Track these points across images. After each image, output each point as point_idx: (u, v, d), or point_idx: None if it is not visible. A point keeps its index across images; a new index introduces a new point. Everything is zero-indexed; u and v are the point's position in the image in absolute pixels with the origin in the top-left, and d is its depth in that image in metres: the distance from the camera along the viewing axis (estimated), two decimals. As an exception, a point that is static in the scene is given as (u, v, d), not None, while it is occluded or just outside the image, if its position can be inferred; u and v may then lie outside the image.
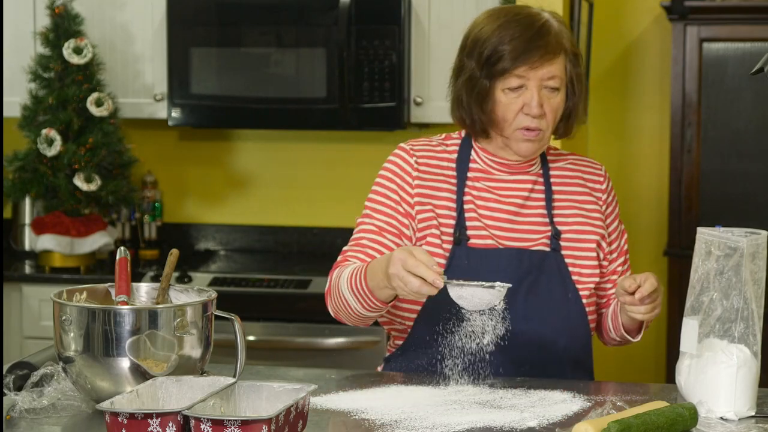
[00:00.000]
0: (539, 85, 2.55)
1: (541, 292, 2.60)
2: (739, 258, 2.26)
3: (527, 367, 2.59)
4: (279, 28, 4.53)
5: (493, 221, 2.63)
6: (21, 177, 4.54)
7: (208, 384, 2.14)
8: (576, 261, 2.65)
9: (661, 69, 4.95)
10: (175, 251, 2.44)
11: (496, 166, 2.66)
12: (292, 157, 4.97)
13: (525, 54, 2.53)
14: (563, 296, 2.61)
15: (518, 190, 2.66)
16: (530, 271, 2.60)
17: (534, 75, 2.54)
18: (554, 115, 2.58)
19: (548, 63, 2.55)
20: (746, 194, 4.74)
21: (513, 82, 2.55)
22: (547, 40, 2.54)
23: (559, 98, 2.58)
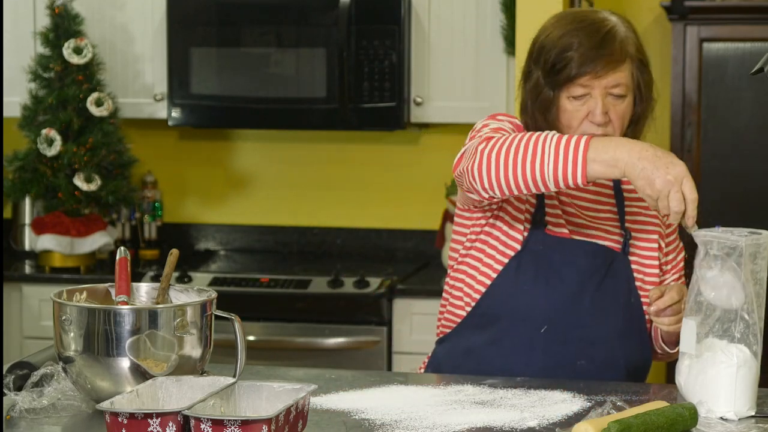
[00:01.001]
0: (603, 93, 2.54)
1: (608, 291, 2.61)
2: (738, 258, 2.26)
3: (583, 361, 2.60)
4: (279, 28, 4.54)
5: (567, 215, 2.63)
6: (21, 177, 4.54)
7: (208, 384, 2.14)
8: (641, 267, 2.65)
9: (661, 69, 4.95)
10: (175, 251, 2.44)
11: None
12: (292, 157, 4.97)
13: (588, 63, 2.52)
14: (627, 299, 2.62)
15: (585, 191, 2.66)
16: (601, 267, 2.61)
17: (598, 84, 2.53)
18: (621, 122, 2.57)
19: (612, 71, 2.53)
20: (746, 194, 4.74)
21: (577, 91, 2.54)
22: (612, 48, 2.53)
23: (625, 104, 2.56)
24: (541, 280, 2.60)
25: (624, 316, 2.62)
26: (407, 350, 4.28)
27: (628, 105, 2.58)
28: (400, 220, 4.84)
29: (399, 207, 4.81)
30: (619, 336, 2.62)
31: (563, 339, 2.59)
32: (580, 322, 2.60)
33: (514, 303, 2.60)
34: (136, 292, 2.45)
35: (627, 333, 2.63)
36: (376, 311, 4.32)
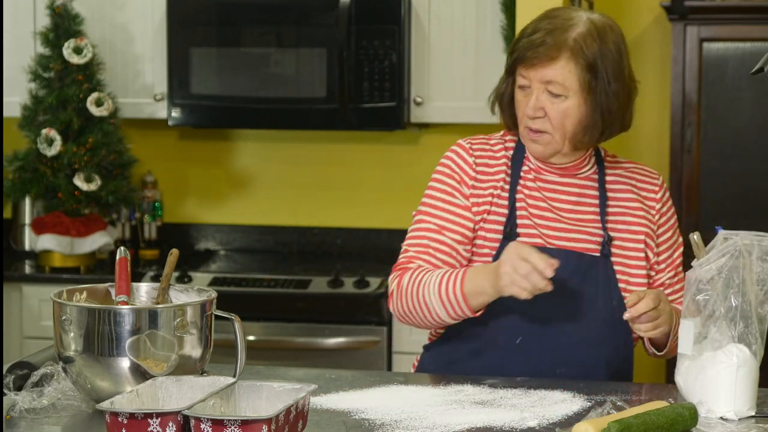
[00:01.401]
0: (541, 88, 2.55)
1: (585, 296, 2.60)
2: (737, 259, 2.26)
3: (564, 368, 2.59)
4: (279, 28, 4.54)
5: (543, 220, 2.63)
6: (21, 177, 4.54)
7: (208, 384, 2.14)
8: (625, 269, 2.64)
9: (661, 69, 4.95)
10: (175, 251, 2.44)
11: (544, 166, 2.66)
12: (292, 157, 4.97)
13: (525, 52, 2.55)
14: (607, 302, 2.60)
15: (567, 193, 2.65)
16: (575, 274, 2.59)
17: (534, 76, 2.55)
18: (560, 121, 2.56)
19: (544, 66, 2.54)
20: (746, 194, 4.74)
21: (520, 81, 2.58)
22: (551, 43, 2.53)
23: (565, 105, 2.55)
24: None
25: (605, 320, 2.60)
26: (407, 350, 4.28)
27: (571, 108, 2.55)
28: (400, 220, 4.84)
29: (399, 207, 4.81)
30: (600, 340, 2.61)
31: (540, 348, 2.59)
32: (556, 330, 2.59)
33: (491, 315, 2.60)
34: (136, 292, 2.45)
35: (608, 336, 2.62)
36: (376, 311, 4.32)
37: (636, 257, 2.65)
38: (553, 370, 2.58)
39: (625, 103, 2.63)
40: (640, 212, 2.67)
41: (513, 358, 2.59)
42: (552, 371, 2.58)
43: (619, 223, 2.65)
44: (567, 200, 2.65)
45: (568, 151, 2.62)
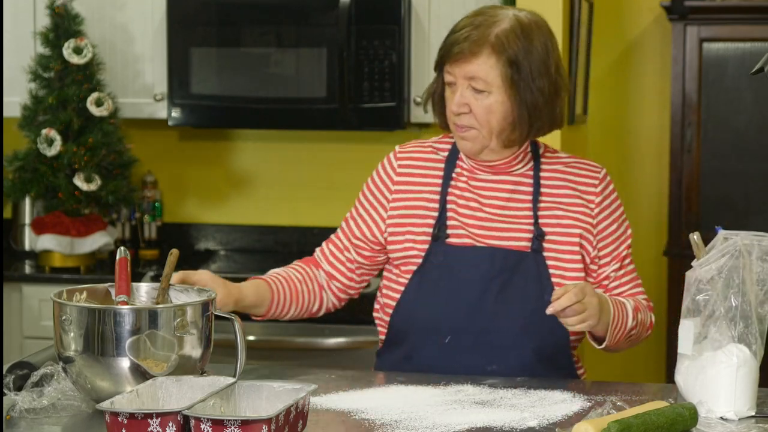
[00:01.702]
0: (464, 84, 2.57)
1: (514, 292, 2.61)
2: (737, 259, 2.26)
3: (495, 366, 2.59)
4: (279, 28, 4.53)
5: (473, 220, 2.65)
6: (21, 177, 4.53)
7: (208, 384, 2.14)
8: (559, 263, 2.64)
9: (661, 69, 4.95)
10: (175, 251, 2.44)
11: (478, 166, 2.68)
12: (292, 157, 4.97)
13: (447, 48, 2.59)
14: (538, 297, 2.60)
15: (499, 190, 2.67)
16: (503, 271, 2.61)
17: (458, 72, 2.58)
18: (486, 117, 2.58)
19: (465, 62, 2.56)
20: (746, 194, 4.74)
21: (447, 78, 2.61)
22: (473, 39, 2.55)
23: (489, 101, 2.57)
24: (443, 291, 2.63)
25: (535, 315, 2.59)
26: (407, 350, 4.28)
27: (495, 104, 2.57)
28: (400, 220, 4.84)
29: (399, 207, 4.81)
30: (530, 336, 2.61)
31: (470, 347, 2.61)
32: (484, 328, 2.61)
33: (419, 317, 2.64)
34: (136, 292, 2.45)
35: (540, 331, 2.61)
36: (376, 311, 4.32)
37: (570, 251, 2.65)
38: (485, 368, 2.60)
39: (552, 99, 2.61)
40: (576, 207, 2.67)
41: (444, 358, 2.62)
42: (483, 369, 2.60)
43: (552, 218, 2.66)
44: (499, 197, 2.66)
45: (497, 147, 2.63)
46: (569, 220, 2.66)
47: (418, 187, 2.70)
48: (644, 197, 5.01)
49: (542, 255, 2.63)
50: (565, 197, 2.67)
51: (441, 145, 2.73)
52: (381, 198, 2.73)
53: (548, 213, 2.65)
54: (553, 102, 2.61)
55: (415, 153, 2.74)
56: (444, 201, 2.66)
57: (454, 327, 2.61)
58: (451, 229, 2.64)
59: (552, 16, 3.89)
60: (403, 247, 2.67)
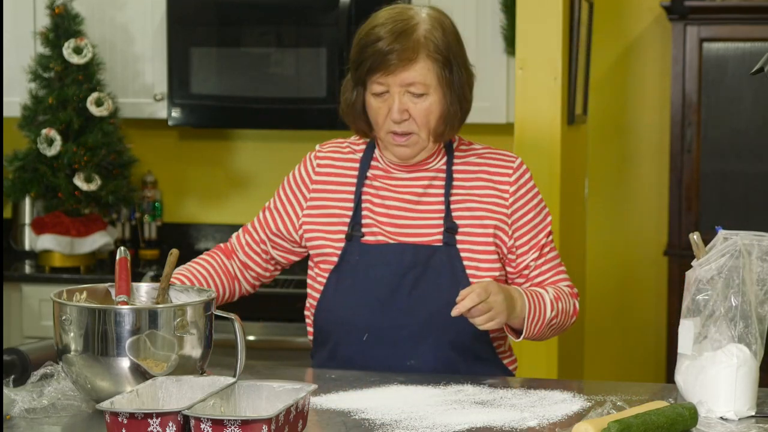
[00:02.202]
0: (401, 91, 2.57)
1: (426, 286, 2.62)
2: (737, 259, 2.26)
3: (413, 361, 2.60)
4: (279, 28, 4.54)
5: (387, 218, 2.66)
6: (21, 177, 4.54)
7: (208, 384, 2.14)
8: (473, 255, 2.64)
9: (661, 69, 4.95)
10: (174, 251, 2.44)
11: (393, 164, 2.69)
12: (292, 157, 4.95)
13: (379, 59, 2.57)
14: (452, 291, 2.59)
15: (414, 186, 2.68)
16: (414, 266, 2.62)
17: (393, 81, 2.57)
18: (424, 119, 2.59)
19: (403, 69, 2.56)
20: (746, 194, 4.74)
21: (376, 88, 2.60)
22: (404, 45, 2.55)
23: (427, 103, 2.58)
24: (358, 289, 2.64)
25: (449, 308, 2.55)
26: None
27: (431, 103, 2.58)
28: (400, 220, 4.84)
29: (399, 207, 4.81)
30: (445, 330, 2.61)
31: (389, 342, 2.62)
32: (400, 323, 2.61)
33: (338, 316, 2.66)
34: (136, 292, 2.45)
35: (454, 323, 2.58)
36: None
37: (483, 242, 2.65)
38: (404, 363, 2.61)
39: (471, 88, 2.66)
40: (490, 198, 2.67)
41: (363, 355, 2.63)
42: (403, 364, 2.61)
43: (465, 210, 2.66)
44: (414, 192, 2.67)
45: (432, 146, 2.65)
46: (482, 212, 2.66)
47: (335, 186, 2.72)
48: (644, 197, 5.01)
49: (456, 248, 2.63)
50: (478, 189, 2.67)
51: (358, 146, 2.76)
52: (299, 195, 2.74)
53: (461, 206, 2.66)
54: (472, 91, 2.66)
55: (333, 152, 2.77)
56: (359, 200, 2.68)
57: (370, 324, 2.63)
58: (366, 228, 2.66)
59: (552, 16, 3.90)
60: (319, 245, 2.69)
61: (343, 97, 2.69)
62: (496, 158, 2.71)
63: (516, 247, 2.67)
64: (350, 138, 2.80)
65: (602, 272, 4.91)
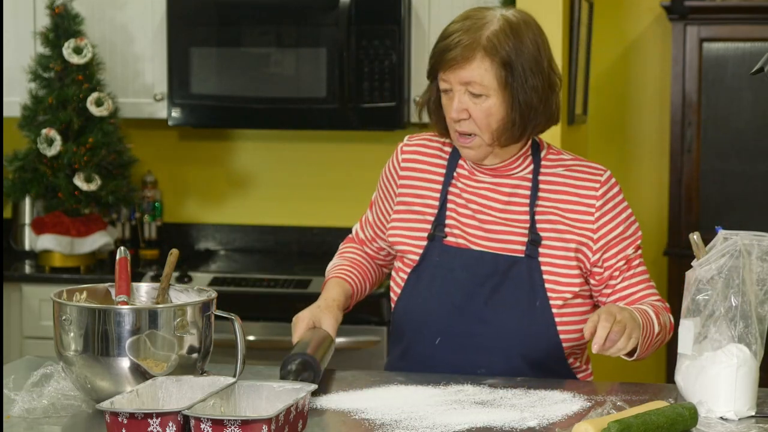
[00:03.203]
0: (461, 89, 2.55)
1: (504, 296, 2.59)
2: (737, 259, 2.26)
3: (483, 369, 2.59)
4: (279, 28, 4.53)
5: (470, 220, 2.64)
6: (21, 177, 4.54)
7: (208, 384, 2.14)
8: (553, 269, 2.60)
9: (661, 69, 4.96)
10: (174, 251, 2.44)
11: (478, 168, 2.66)
12: (292, 157, 4.97)
13: (441, 55, 2.55)
14: (529, 303, 2.58)
15: (498, 192, 2.64)
16: (494, 275, 2.59)
17: (454, 78, 2.55)
18: (485, 121, 2.55)
19: (460, 67, 2.53)
20: (746, 194, 4.75)
21: (442, 85, 2.59)
22: (465, 43, 2.53)
23: (488, 105, 2.54)
24: (435, 291, 2.62)
25: (523, 321, 2.57)
26: (407, 350, 4.28)
27: (494, 106, 2.55)
28: (400, 220, 4.84)
29: (399, 207, 4.81)
30: (518, 342, 2.59)
31: (460, 348, 2.60)
32: (474, 331, 2.59)
33: (414, 316, 2.65)
34: (136, 292, 2.45)
35: (527, 337, 2.58)
36: (376, 311, 4.32)
37: (565, 257, 2.61)
38: (474, 370, 2.59)
39: (547, 96, 2.59)
40: (575, 213, 2.62)
41: (433, 359, 2.62)
42: (473, 371, 2.59)
43: (548, 222, 2.62)
44: (498, 200, 2.64)
45: (498, 150, 2.62)
46: (566, 226, 2.62)
47: (421, 182, 2.70)
48: (644, 197, 5.01)
49: (537, 261, 2.60)
50: (564, 202, 2.63)
51: (447, 144, 2.72)
52: (391, 190, 2.74)
53: (545, 218, 2.62)
54: (548, 99, 2.59)
55: (420, 146, 2.74)
56: (444, 200, 2.66)
57: (443, 328, 2.61)
58: (449, 229, 2.64)
59: (552, 16, 3.90)
60: (399, 242, 2.68)
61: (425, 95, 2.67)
62: (584, 171, 2.66)
63: (603, 260, 2.62)
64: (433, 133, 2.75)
65: (602, 272, 4.91)
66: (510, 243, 2.62)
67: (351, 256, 2.82)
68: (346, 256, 2.82)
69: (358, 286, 2.76)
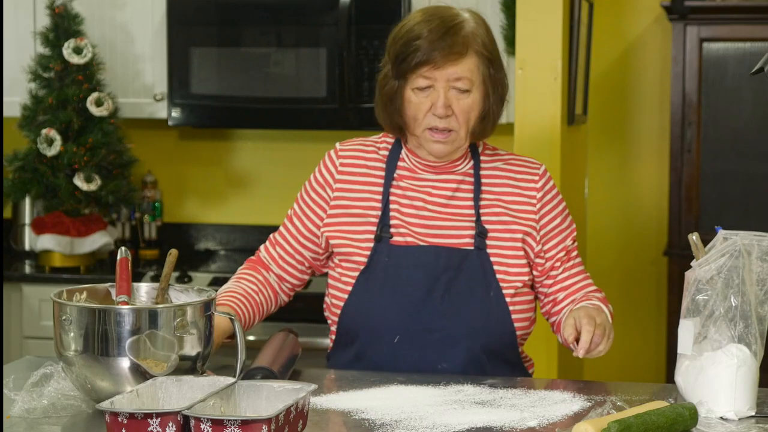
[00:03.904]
0: (446, 86, 2.57)
1: (460, 289, 2.62)
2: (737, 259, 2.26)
3: (444, 364, 2.60)
4: (279, 28, 4.54)
5: (416, 219, 2.66)
6: (21, 177, 4.54)
7: (208, 384, 2.14)
8: (502, 259, 2.65)
9: (661, 69, 4.95)
10: (173, 251, 2.44)
11: (421, 165, 2.69)
12: (292, 157, 4.97)
13: (428, 54, 2.56)
14: (484, 294, 2.62)
15: (442, 189, 2.68)
16: (448, 269, 2.62)
17: (440, 75, 2.57)
18: (466, 116, 2.60)
19: (452, 63, 2.56)
20: (746, 194, 4.74)
21: (421, 83, 2.59)
22: (454, 40, 2.56)
23: (470, 99, 2.59)
24: (388, 291, 2.63)
25: (482, 312, 2.61)
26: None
27: (474, 100, 2.60)
28: (400, 220, 4.84)
29: (399, 207, 4.81)
30: (478, 332, 2.62)
31: (420, 345, 2.62)
32: (433, 326, 2.61)
33: (367, 317, 2.64)
34: (136, 292, 2.45)
35: (484, 327, 2.62)
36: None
37: (512, 247, 2.66)
38: (435, 366, 2.61)
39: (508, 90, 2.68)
40: (517, 204, 2.69)
41: (393, 358, 2.63)
42: (434, 367, 2.61)
43: (493, 215, 2.67)
44: (442, 195, 2.67)
45: (465, 145, 2.66)
46: (511, 217, 2.67)
47: (360, 186, 2.71)
48: (644, 197, 5.01)
49: (486, 252, 2.64)
50: (506, 195, 2.69)
51: (382, 144, 2.74)
52: (324, 195, 2.73)
53: (490, 210, 2.67)
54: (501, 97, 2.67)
55: (356, 151, 2.75)
56: (387, 201, 2.67)
57: (402, 326, 2.62)
58: (394, 228, 2.66)
59: (552, 16, 3.90)
60: (343, 244, 2.68)
61: (381, 92, 2.67)
62: (522, 164, 2.73)
63: (544, 251, 2.68)
64: (372, 137, 2.78)
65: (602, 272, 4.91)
66: (457, 237, 2.65)
67: (245, 285, 2.75)
68: (241, 284, 2.75)
69: (246, 320, 2.69)
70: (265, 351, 2.53)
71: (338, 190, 2.72)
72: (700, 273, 2.29)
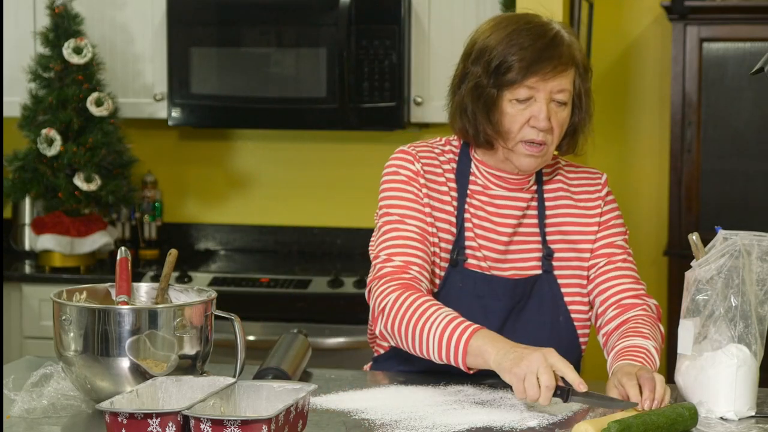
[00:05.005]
0: (548, 98, 2.47)
1: (531, 316, 2.56)
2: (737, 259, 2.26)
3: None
4: (279, 28, 4.54)
5: (488, 242, 2.56)
6: (21, 177, 4.54)
7: (208, 384, 2.14)
8: (568, 280, 2.60)
9: (661, 69, 4.96)
10: (173, 251, 2.44)
11: (495, 180, 2.58)
12: (292, 157, 4.97)
13: (536, 64, 2.45)
14: (554, 320, 2.57)
15: (514, 208, 2.58)
16: (521, 299, 2.56)
17: (544, 87, 2.46)
18: (560, 130, 2.50)
19: (559, 75, 2.47)
20: (746, 194, 4.74)
21: (522, 94, 2.47)
22: (560, 50, 2.47)
23: (566, 113, 2.51)
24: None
25: (551, 339, 2.52)
26: (407, 350, 4.28)
27: (568, 114, 2.52)
28: (400, 220, 4.84)
29: (399, 207, 4.80)
30: None
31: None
32: None
33: None
34: (136, 292, 2.45)
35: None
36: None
37: (578, 267, 2.60)
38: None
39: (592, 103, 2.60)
40: (579, 218, 2.62)
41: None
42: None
43: (558, 233, 2.60)
44: (512, 215, 2.58)
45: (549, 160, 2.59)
46: (576, 235, 2.61)
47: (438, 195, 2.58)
48: (644, 197, 5.01)
49: (553, 275, 2.58)
50: (568, 208, 2.62)
51: (448, 153, 2.62)
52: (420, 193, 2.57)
53: (554, 229, 2.60)
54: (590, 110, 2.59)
55: (431, 158, 2.60)
56: (462, 219, 2.56)
57: None
58: (469, 250, 2.56)
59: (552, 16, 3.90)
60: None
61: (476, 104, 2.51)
62: (583, 175, 2.66)
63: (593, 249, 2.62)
64: (432, 141, 2.63)
65: (602, 272, 4.91)
66: (527, 261, 2.58)
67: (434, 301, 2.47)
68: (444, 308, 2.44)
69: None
70: (276, 351, 2.52)
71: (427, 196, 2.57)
72: (700, 273, 2.29)
